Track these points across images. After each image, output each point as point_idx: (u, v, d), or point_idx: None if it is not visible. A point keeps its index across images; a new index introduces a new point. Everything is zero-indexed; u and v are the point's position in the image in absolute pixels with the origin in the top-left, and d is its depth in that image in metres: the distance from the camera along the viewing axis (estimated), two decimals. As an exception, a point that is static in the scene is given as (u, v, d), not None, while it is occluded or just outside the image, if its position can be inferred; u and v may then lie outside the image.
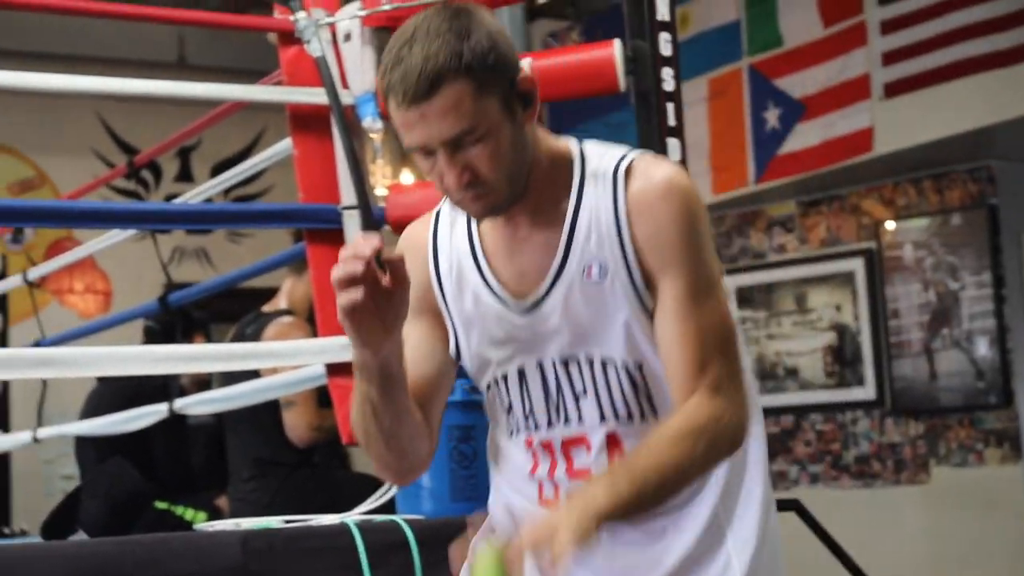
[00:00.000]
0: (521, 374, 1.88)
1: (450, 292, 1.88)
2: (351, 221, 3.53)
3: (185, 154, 8.98)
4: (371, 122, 3.61)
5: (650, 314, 1.81)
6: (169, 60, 8.73)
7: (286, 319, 4.28)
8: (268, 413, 4.08)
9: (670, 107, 3.44)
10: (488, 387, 1.93)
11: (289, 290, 4.42)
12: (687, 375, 1.78)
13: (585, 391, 1.85)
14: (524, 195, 1.82)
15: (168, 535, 3.24)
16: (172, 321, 4.60)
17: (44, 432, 4.40)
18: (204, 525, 3.11)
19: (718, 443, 1.76)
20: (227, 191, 7.89)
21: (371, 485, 3.76)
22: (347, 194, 3.57)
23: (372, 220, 3.52)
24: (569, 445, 1.88)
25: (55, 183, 8.44)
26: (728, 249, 7.60)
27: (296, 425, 4.11)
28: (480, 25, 1.73)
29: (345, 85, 3.64)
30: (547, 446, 1.89)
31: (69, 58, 7.85)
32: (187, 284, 5.04)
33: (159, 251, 4.63)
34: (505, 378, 1.89)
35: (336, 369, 3.44)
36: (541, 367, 1.86)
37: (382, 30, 3.78)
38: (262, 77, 4.20)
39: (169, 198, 7.67)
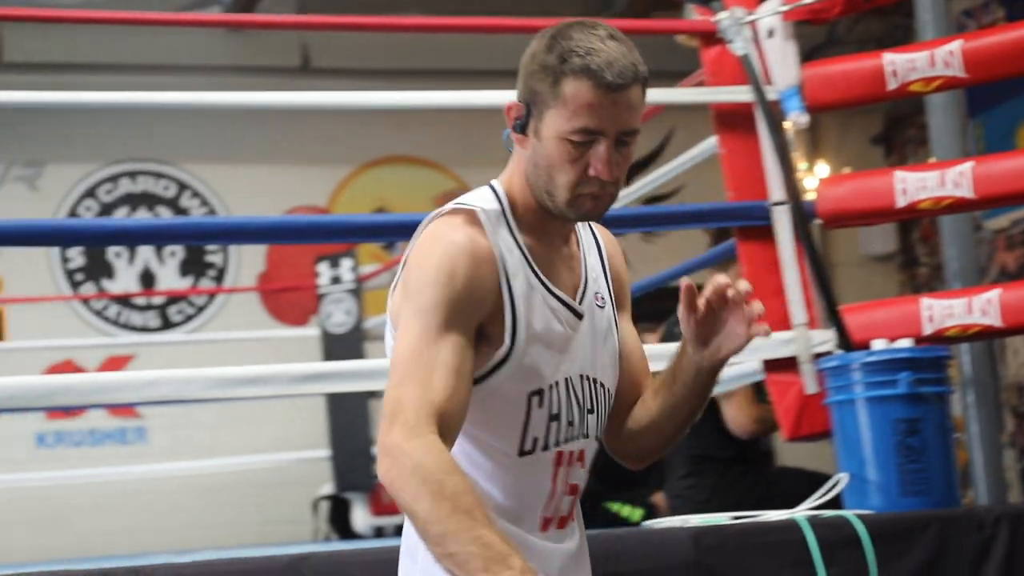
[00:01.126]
0: (568, 383, 1.91)
1: (520, 296, 1.86)
2: (781, 217, 3.53)
3: (596, 158, 9.18)
4: (797, 116, 3.60)
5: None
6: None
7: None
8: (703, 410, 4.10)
9: (1115, 81, 3.28)
10: (531, 396, 1.88)
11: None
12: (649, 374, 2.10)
13: (592, 409, 1.94)
14: None
15: (622, 531, 3.34)
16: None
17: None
18: (653, 522, 3.18)
19: None
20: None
21: (804, 480, 3.75)
22: (775, 190, 3.58)
23: (803, 215, 3.51)
24: (575, 459, 1.94)
25: (476, 193, 8.81)
26: None
27: (737, 416, 4.11)
28: None
29: (768, 81, 3.65)
30: (570, 457, 1.93)
31: (483, 73, 8.18)
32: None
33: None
34: (556, 386, 1.90)
35: (774, 365, 3.47)
36: (569, 380, 1.91)
37: (802, 23, 3.77)
38: (665, 78, 4.22)
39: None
